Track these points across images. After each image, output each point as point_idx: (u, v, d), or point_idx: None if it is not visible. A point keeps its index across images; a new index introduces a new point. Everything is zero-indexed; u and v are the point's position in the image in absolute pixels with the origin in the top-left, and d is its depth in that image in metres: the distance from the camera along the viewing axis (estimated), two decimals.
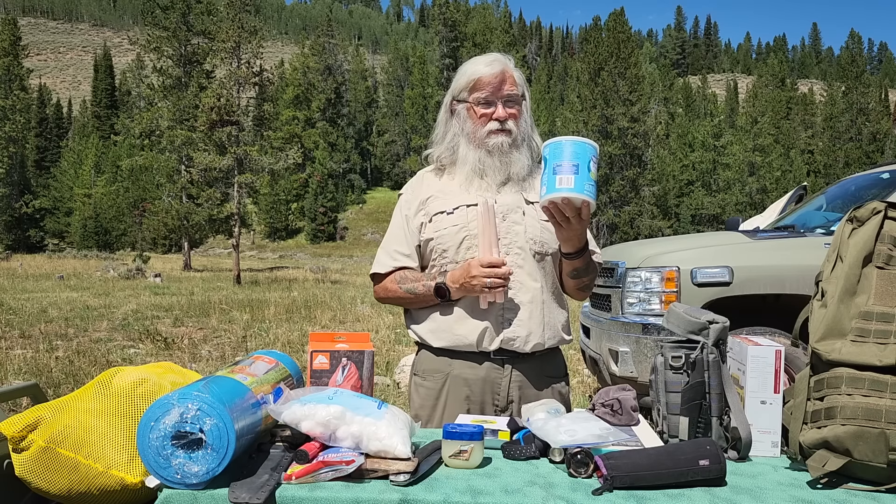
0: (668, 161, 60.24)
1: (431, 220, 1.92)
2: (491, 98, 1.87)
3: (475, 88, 1.87)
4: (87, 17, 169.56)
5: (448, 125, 1.95)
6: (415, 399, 2.00)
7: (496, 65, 1.87)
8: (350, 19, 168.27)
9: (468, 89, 1.89)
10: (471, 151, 1.90)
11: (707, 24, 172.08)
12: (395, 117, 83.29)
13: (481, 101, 1.87)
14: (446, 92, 1.98)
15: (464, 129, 1.91)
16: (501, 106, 1.87)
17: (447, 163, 1.96)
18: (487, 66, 1.86)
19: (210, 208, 28.11)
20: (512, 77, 1.88)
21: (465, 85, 1.89)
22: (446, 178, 1.96)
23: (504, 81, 1.87)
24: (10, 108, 40.38)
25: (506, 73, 1.87)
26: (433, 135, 1.99)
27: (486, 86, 1.86)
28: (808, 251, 4.03)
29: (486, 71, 1.86)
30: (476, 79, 1.86)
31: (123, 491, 1.40)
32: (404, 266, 1.95)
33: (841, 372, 1.41)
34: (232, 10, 27.01)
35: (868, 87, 64.14)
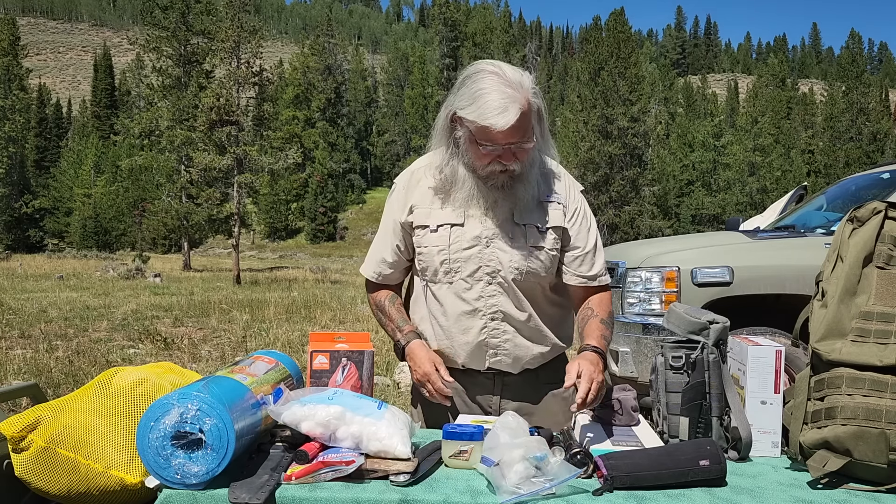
0: (669, 161, 60.22)
1: (415, 231, 1.84)
2: (498, 146, 1.67)
3: (482, 132, 1.66)
4: (86, 16, 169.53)
5: (447, 139, 1.77)
6: (415, 399, 2.00)
7: (510, 115, 1.61)
8: (350, 19, 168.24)
9: (474, 126, 1.67)
10: (468, 176, 1.75)
11: (707, 23, 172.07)
12: (395, 117, 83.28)
13: (486, 146, 1.68)
14: (446, 92, 1.87)
15: (463, 155, 1.74)
16: (508, 152, 1.68)
17: (448, 178, 1.79)
18: (500, 117, 1.61)
19: (210, 208, 28.09)
20: (526, 121, 1.66)
21: (471, 118, 1.66)
22: (441, 186, 1.81)
23: (516, 130, 1.64)
24: (10, 108, 40.36)
25: (523, 118, 1.63)
26: (432, 141, 1.83)
27: (494, 135, 1.64)
28: (809, 251, 4.03)
29: (498, 123, 1.61)
30: (484, 126, 1.64)
31: (123, 491, 1.40)
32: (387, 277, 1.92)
33: (841, 372, 1.41)
34: (231, 10, 26.99)
35: (868, 87, 64.09)
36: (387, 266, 1.90)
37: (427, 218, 1.82)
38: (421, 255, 1.84)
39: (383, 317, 1.91)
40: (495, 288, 1.80)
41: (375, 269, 1.92)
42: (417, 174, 1.89)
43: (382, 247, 1.91)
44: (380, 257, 1.91)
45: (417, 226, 1.84)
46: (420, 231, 1.83)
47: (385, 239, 1.91)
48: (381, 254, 1.91)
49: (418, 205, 1.84)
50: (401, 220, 1.87)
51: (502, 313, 1.81)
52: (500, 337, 1.82)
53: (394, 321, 1.87)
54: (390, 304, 1.91)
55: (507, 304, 1.81)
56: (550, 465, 1.28)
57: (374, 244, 1.95)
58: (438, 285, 1.83)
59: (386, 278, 1.92)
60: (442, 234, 1.80)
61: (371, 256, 1.94)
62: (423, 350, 1.81)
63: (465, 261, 1.79)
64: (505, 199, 1.77)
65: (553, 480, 1.26)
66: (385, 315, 1.90)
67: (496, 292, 1.80)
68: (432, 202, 1.83)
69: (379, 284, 1.95)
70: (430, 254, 1.82)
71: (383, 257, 1.91)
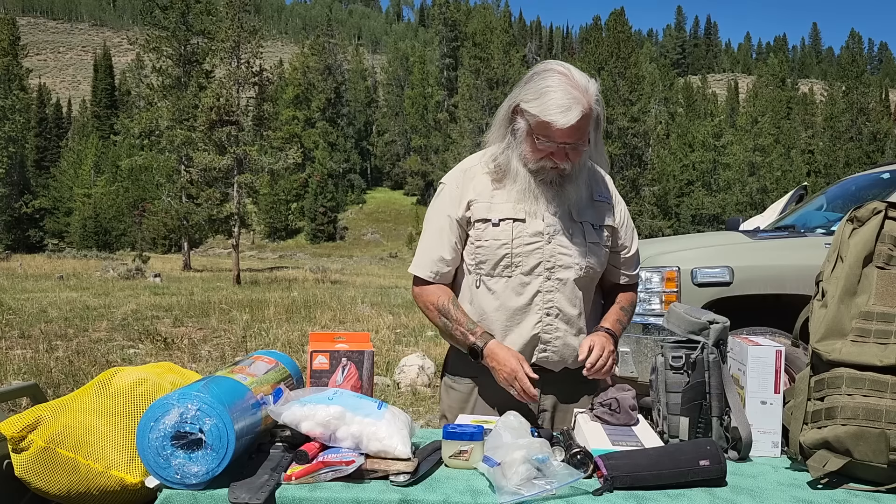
0: (669, 161, 60.23)
1: (474, 225, 1.84)
2: (553, 143, 1.73)
3: (541, 127, 1.71)
4: (86, 16, 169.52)
5: (506, 129, 1.82)
6: (444, 400, 1.98)
7: (571, 115, 1.67)
8: (350, 19, 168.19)
9: (535, 120, 1.72)
10: (521, 170, 1.80)
11: (707, 23, 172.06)
12: (395, 117, 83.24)
13: (542, 141, 1.73)
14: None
15: (518, 147, 1.79)
16: (561, 151, 1.74)
17: (502, 169, 1.84)
18: (562, 115, 1.67)
19: (210, 208, 28.08)
20: (585, 124, 1.71)
21: (533, 112, 1.71)
22: (496, 181, 1.85)
23: (574, 130, 1.70)
24: (10, 108, 40.33)
25: (584, 119, 1.69)
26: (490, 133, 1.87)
27: (553, 132, 1.70)
28: (809, 251, 4.03)
29: (559, 121, 1.67)
30: (545, 121, 1.69)
31: (123, 491, 1.40)
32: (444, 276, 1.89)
33: (841, 372, 1.41)
34: (231, 10, 27.00)
35: (868, 86, 64.07)
36: (445, 264, 1.88)
37: (488, 212, 1.83)
38: (480, 248, 1.83)
39: (447, 320, 1.84)
40: (553, 284, 1.82)
41: (432, 268, 1.88)
42: (471, 171, 1.89)
43: (438, 245, 1.88)
44: (436, 256, 1.88)
45: (478, 220, 1.83)
46: (480, 225, 1.83)
47: (440, 237, 1.88)
48: (438, 252, 1.87)
49: (477, 199, 1.85)
50: (457, 216, 1.85)
51: (557, 309, 1.83)
52: (552, 333, 1.84)
53: (462, 324, 1.82)
54: (454, 306, 1.85)
55: (563, 301, 1.83)
56: (552, 467, 1.28)
57: (426, 243, 1.91)
58: (495, 279, 1.83)
59: (442, 277, 1.89)
60: (504, 229, 1.81)
61: (424, 255, 1.90)
62: (504, 349, 1.78)
63: (526, 255, 1.81)
64: (555, 197, 1.81)
65: (554, 483, 1.26)
66: (450, 318, 1.84)
67: (554, 288, 1.82)
68: (491, 196, 1.84)
69: (430, 283, 1.90)
70: (492, 248, 1.82)
71: (441, 255, 1.87)
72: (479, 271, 1.85)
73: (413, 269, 1.92)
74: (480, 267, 1.85)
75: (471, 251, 1.86)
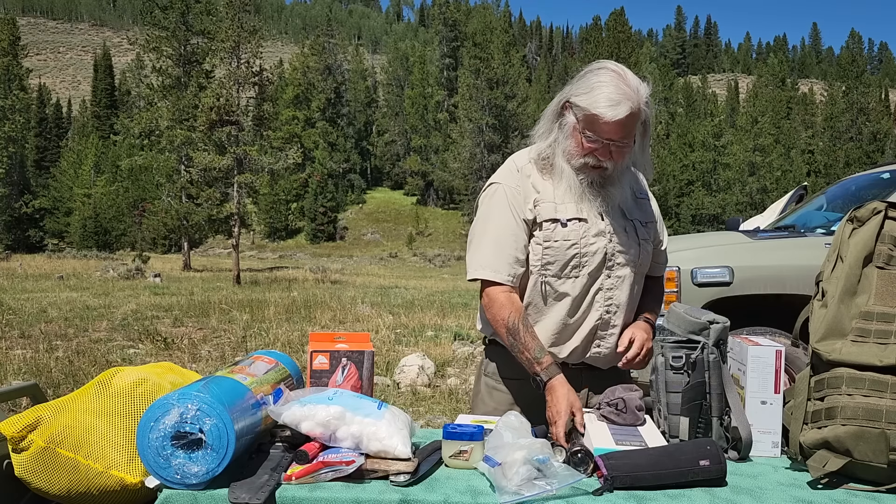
0: (669, 161, 60.23)
1: (541, 226, 1.81)
2: (599, 139, 1.73)
3: (589, 121, 1.72)
4: (86, 16, 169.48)
5: (553, 124, 1.82)
6: (485, 401, 1.94)
7: (620, 109, 1.67)
8: (350, 19, 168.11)
9: (583, 113, 1.73)
10: (566, 168, 1.80)
11: (707, 23, 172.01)
12: (395, 117, 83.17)
13: (588, 136, 1.74)
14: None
15: (563, 142, 1.79)
16: (605, 149, 1.74)
17: (549, 163, 1.83)
18: (610, 108, 1.68)
19: (210, 208, 28.07)
20: (632, 122, 1.72)
21: (582, 106, 1.72)
22: (549, 179, 1.84)
23: (621, 127, 1.70)
24: (10, 108, 40.32)
25: (631, 117, 1.70)
26: (538, 126, 1.86)
27: (600, 126, 1.70)
28: (809, 251, 4.03)
29: (607, 114, 1.68)
30: (593, 114, 1.70)
31: (123, 491, 1.40)
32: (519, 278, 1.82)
33: (841, 372, 1.41)
34: (231, 10, 26.97)
35: (868, 86, 64.08)
36: (519, 266, 1.81)
37: (555, 212, 1.81)
38: (550, 248, 1.81)
39: (514, 341, 1.76)
40: (613, 281, 1.85)
41: (510, 270, 1.80)
42: (525, 170, 1.87)
43: (509, 246, 1.81)
44: (511, 258, 1.80)
45: (546, 220, 1.81)
46: (549, 225, 1.81)
47: (509, 238, 1.81)
48: (512, 253, 1.80)
49: (542, 199, 1.82)
50: (524, 216, 1.82)
51: (616, 306, 1.86)
52: (609, 329, 1.86)
53: (530, 350, 1.74)
54: (524, 326, 1.76)
55: (622, 297, 1.86)
56: (553, 467, 1.28)
57: (492, 246, 1.82)
58: (562, 280, 1.82)
59: (517, 279, 1.83)
60: (573, 229, 1.81)
61: (496, 258, 1.81)
62: (564, 389, 1.67)
63: (592, 255, 1.82)
64: (601, 197, 1.82)
65: (555, 483, 1.26)
66: (518, 339, 1.76)
67: (614, 285, 1.85)
68: (554, 196, 1.82)
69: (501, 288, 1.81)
70: (562, 248, 1.80)
71: (516, 256, 1.80)
72: (545, 272, 1.82)
73: (484, 274, 1.82)
74: (547, 268, 1.82)
75: (538, 252, 1.82)
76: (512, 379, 1.89)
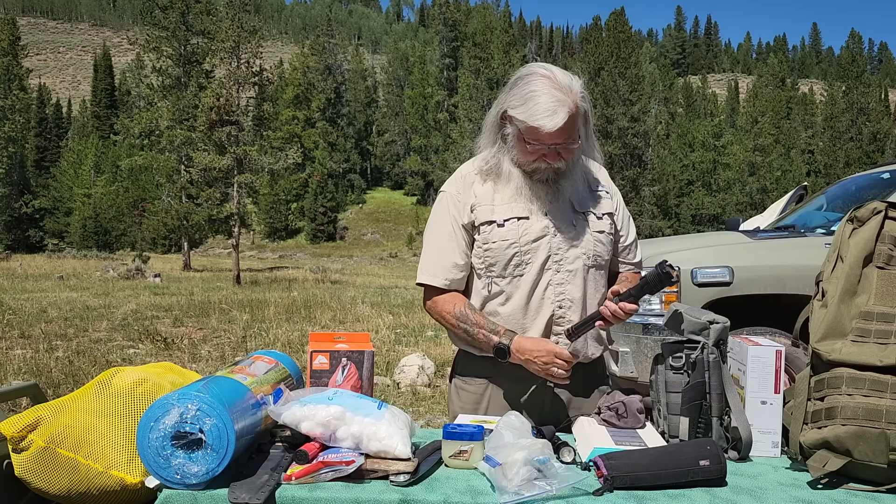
0: (669, 161, 60.25)
1: (478, 229, 1.85)
2: (544, 145, 1.74)
3: (530, 132, 1.73)
4: (86, 16, 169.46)
5: (495, 135, 1.85)
6: (455, 402, 1.98)
7: (558, 117, 1.69)
8: (350, 19, 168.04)
9: (523, 125, 1.74)
10: (515, 171, 1.82)
11: (707, 23, 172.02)
12: (395, 117, 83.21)
13: (533, 145, 1.75)
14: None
15: (510, 151, 1.81)
16: (553, 152, 1.76)
17: (493, 171, 1.86)
18: (549, 119, 1.69)
19: (210, 208, 28.09)
20: (573, 123, 1.73)
21: (521, 118, 1.73)
22: (490, 184, 1.87)
23: (563, 132, 1.71)
24: (10, 108, 40.37)
25: (570, 121, 1.71)
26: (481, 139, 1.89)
27: (542, 136, 1.72)
28: (809, 251, 4.03)
29: (546, 125, 1.69)
30: (533, 127, 1.71)
31: (123, 491, 1.40)
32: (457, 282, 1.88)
33: (841, 372, 1.41)
34: (231, 10, 26.98)
35: (868, 86, 64.05)
36: (458, 270, 1.87)
37: (492, 214, 1.84)
38: (489, 250, 1.84)
39: (467, 325, 1.83)
40: (563, 276, 1.84)
41: (446, 275, 1.87)
42: (469, 177, 1.91)
43: (449, 252, 1.87)
44: (450, 263, 1.87)
45: (482, 223, 1.84)
46: (486, 227, 1.84)
47: (449, 244, 1.87)
48: (451, 259, 1.87)
49: (479, 203, 1.86)
50: (463, 221, 1.87)
51: (569, 301, 1.84)
52: (564, 325, 1.85)
53: (483, 326, 1.82)
54: (471, 310, 1.84)
55: (574, 291, 1.85)
56: (553, 468, 1.28)
57: (433, 252, 1.90)
58: (507, 279, 1.84)
59: (456, 284, 1.89)
60: (510, 228, 1.82)
61: (434, 264, 1.88)
62: (531, 339, 1.78)
63: (534, 252, 1.82)
64: (552, 193, 1.84)
65: (555, 483, 1.26)
66: (469, 323, 1.83)
67: (564, 280, 1.84)
68: (492, 199, 1.85)
69: (442, 291, 1.89)
70: (500, 248, 1.82)
71: (454, 262, 1.87)
72: (489, 274, 1.85)
73: (423, 279, 1.89)
74: (491, 269, 1.85)
75: (479, 255, 1.86)
76: (477, 377, 1.92)
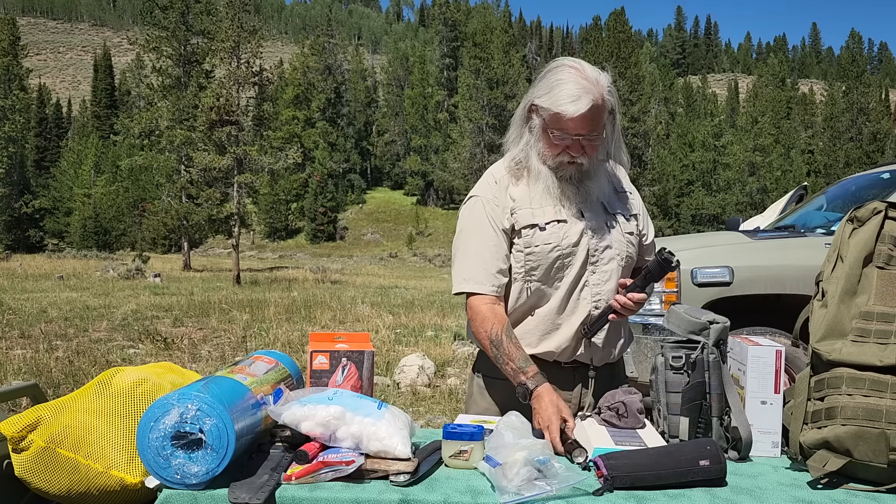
0: (669, 161, 60.23)
1: (520, 233, 1.82)
2: (567, 135, 1.74)
3: (554, 120, 1.73)
4: (86, 16, 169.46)
5: (523, 129, 1.84)
6: (478, 401, 1.95)
7: (581, 103, 1.69)
8: (350, 19, 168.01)
9: (548, 113, 1.75)
10: (543, 169, 1.81)
11: (707, 23, 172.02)
12: (395, 117, 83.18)
13: (556, 135, 1.75)
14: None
15: (535, 145, 1.81)
16: (576, 144, 1.75)
17: (523, 167, 1.85)
18: (572, 104, 1.69)
19: (210, 208, 28.07)
20: (598, 114, 1.73)
21: (546, 106, 1.74)
22: (524, 184, 1.85)
23: (587, 121, 1.71)
24: (10, 108, 40.35)
25: (594, 109, 1.71)
26: (509, 133, 1.88)
27: (565, 123, 1.71)
28: (809, 251, 4.03)
29: (569, 110, 1.69)
30: (556, 113, 1.71)
31: (123, 491, 1.40)
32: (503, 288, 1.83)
33: (841, 372, 1.41)
34: (231, 10, 26.97)
35: (868, 86, 64.04)
36: (503, 276, 1.82)
37: (533, 217, 1.82)
38: (532, 254, 1.81)
39: (498, 353, 1.77)
40: (599, 277, 1.84)
41: (493, 281, 1.81)
42: (502, 181, 1.88)
43: (490, 258, 1.82)
44: (493, 268, 1.81)
45: (524, 226, 1.82)
46: (528, 231, 1.82)
47: (490, 249, 1.83)
48: (495, 264, 1.82)
49: (518, 207, 1.83)
50: (503, 226, 1.83)
51: (605, 301, 1.84)
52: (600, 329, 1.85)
53: (514, 360, 1.74)
54: (508, 338, 1.77)
55: (609, 292, 1.84)
56: (553, 468, 1.28)
57: (473, 259, 1.83)
58: (548, 282, 1.83)
59: (502, 289, 1.84)
60: (552, 231, 1.81)
61: (478, 271, 1.82)
62: (550, 396, 1.68)
63: (575, 254, 1.82)
64: (580, 194, 1.83)
65: (555, 483, 1.26)
66: (501, 351, 1.76)
67: (600, 280, 1.84)
68: (531, 202, 1.83)
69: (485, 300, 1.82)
70: (543, 252, 1.81)
71: (499, 267, 1.82)
72: (530, 278, 1.83)
73: (467, 287, 1.83)
74: (532, 273, 1.83)
75: (520, 259, 1.83)
76: (503, 379, 1.87)
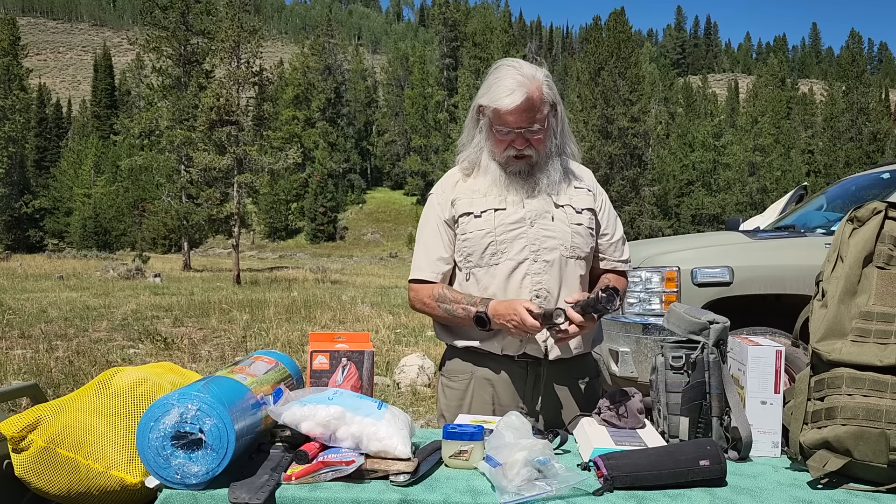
0: (669, 161, 60.24)
1: (457, 222, 1.91)
2: (509, 129, 1.81)
3: (496, 116, 1.81)
4: (86, 16, 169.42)
5: (473, 131, 1.92)
6: (441, 399, 2.01)
7: (517, 96, 1.76)
8: (350, 19, 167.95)
9: (489, 110, 1.82)
10: (492, 164, 1.89)
11: (707, 23, 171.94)
12: (394, 117, 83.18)
13: (500, 130, 1.82)
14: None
15: (486, 143, 1.89)
16: (520, 137, 1.82)
17: (474, 165, 1.94)
18: (507, 97, 1.76)
19: (210, 208, 28.09)
20: (536, 104, 1.78)
21: (486, 103, 1.82)
22: (472, 179, 1.94)
23: (525, 111, 1.78)
24: (10, 108, 40.33)
25: (528, 102, 1.77)
26: (462, 136, 1.96)
27: (505, 117, 1.79)
28: (809, 251, 4.03)
29: (506, 103, 1.76)
30: (495, 108, 1.79)
31: (123, 491, 1.40)
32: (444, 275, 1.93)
33: (841, 372, 1.41)
34: (231, 10, 27.00)
35: (868, 86, 63.99)
36: (443, 263, 1.93)
37: (470, 206, 1.90)
38: (467, 240, 1.89)
39: (447, 305, 1.87)
40: (540, 266, 1.86)
41: (434, 268, 1.93)
42: (452, 177, 1.99)
43: (434, 247, 1.94)
44: (435, 256, 1.93)
45: (461, 214, 1.90)
46: (464, 219, 1.90)
47: (434, 240, 1.95)
48: (437, 253, 1.93)
49: (459, 198, 1.93)
50: (445, 217, 1.93)
51: (546, 291, 1.85)
52: None
53: (461, 301, 1.85)
54: (448, 290, 1.89)
55: (551, 282, 1.86)
56: (553, 468, 1.28)
57: (422, 249, 1.96)
58: (484, 269, 1.87)
59: (443, 277, 1.94)
60: (486, 218, 1.87)
61: (423, 259, 1.95)
62: (503, 302, 1.78)
63: (510, 241, 1.86)
64: (529, 185, 1.88)
65: (555, 484, 1.26)
66: (448, 301, 1.87)
67: (541, 270, 1.86)
68: (472, 194, 1.92)
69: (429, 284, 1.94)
70: (476, 237, 1.87)
71: (439, 255, 1.93)
72: (467, 264, 1.90)
73: (414, 274, 1.95)
74: (469, 259, 1.90)
75: (459, 246, 1.92)
76: (461, 373, 1.95)
